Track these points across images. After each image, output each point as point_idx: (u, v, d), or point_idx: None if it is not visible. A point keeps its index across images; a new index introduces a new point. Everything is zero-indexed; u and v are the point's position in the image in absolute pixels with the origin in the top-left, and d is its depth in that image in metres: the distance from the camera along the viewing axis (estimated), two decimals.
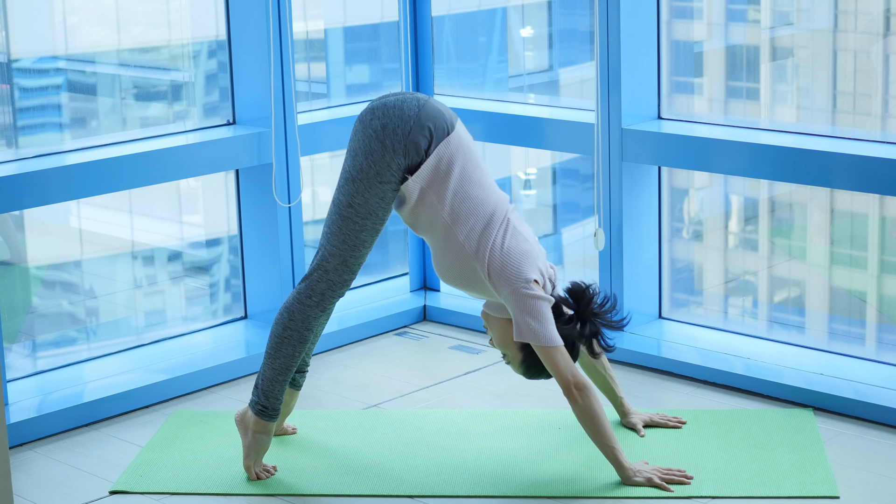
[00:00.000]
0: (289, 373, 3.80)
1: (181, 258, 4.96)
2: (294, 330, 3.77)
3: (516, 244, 3.67)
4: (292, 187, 4.79)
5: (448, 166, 3.67)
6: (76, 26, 4.59)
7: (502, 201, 3.75)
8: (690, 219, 4.99)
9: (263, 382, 3.80)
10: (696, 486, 3.69)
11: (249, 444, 3.82)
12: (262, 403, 3.79)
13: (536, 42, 5.35)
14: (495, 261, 3.65)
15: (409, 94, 3.74)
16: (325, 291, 3.74)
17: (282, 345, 3.78)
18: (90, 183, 4.33)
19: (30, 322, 4.57)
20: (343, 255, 3.72)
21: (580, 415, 3.65)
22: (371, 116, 3.69)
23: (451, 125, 3.70)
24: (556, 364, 3.63)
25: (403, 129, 3.65)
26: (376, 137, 3.66)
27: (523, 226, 3.76)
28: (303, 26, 5.07)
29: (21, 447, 4.09)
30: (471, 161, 3.72)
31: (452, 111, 3.78)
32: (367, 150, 3.66)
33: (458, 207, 3.68)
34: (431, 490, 3.74)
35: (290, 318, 3.76)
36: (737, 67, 4.80)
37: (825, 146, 4.27)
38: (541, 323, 3.61)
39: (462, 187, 3.69)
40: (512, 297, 3.63)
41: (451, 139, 3.68)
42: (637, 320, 4.75)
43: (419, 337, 4.96)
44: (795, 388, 4.23)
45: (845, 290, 4.69)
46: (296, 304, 3.76)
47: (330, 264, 3.73)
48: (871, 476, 3.74)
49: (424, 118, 3.66)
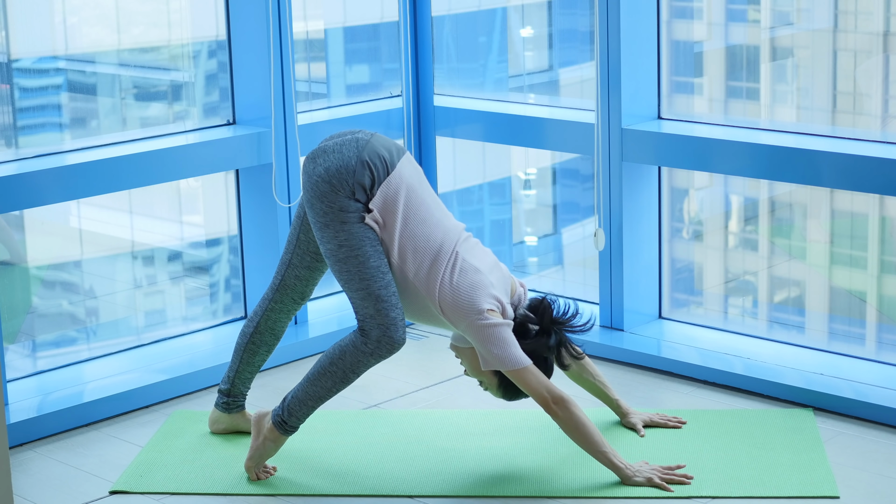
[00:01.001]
0: (321, 402, 3.78)
1: (181, 258, 4.96)
2: (340, 368, 3.74)
3: (464, 278, 3.67)
4: (292, 187, 4.79)
5: (393, 206, 3.67)
6: (76, 26, 4.59)
7: (450, 234, 3.73)
8: (690, 219, 4.99)
9: (292, 401, 3.79)
10: (696, 486, 3.69)
11: (258, 447, 3.82)
12: (284, 419, 3.79)
13: (536, 42, 5.36)
14: (446, 297, 3.66)
15: (349, 135, 3.74)
16: (381, 338, 3.69)
17: (324, 377, 3.76)
18: (90, 183, 4.33)
19: (30, 322, 4.57)
20: (371, 294, 3.67)
21: (564, 427, 3.66)
22: (313, 165, 3.70)
23: (392, 164, 3.69)
24: (529, 384, 3.64)
25: (347, 170, 3.65)
26: (323, 181, 3.66)
27: (475, 255, 3.74)
28: (303, 26, 5.07)
29: (21, 447, 4.09)
30: (415, 197, 3.71)
31: (398, 145, 3.77)
32: (319, 194, 3.66)
33: (405, 247, 3.69)
34: (431, 490, 3.74)
35: (340, 357, 3.73)
36: (737, 67, 4.80)
37: (825, 146, 4.27)
38: (503, 349, 3.62)
39: (407, 227, 3.69)
40: (470, 329, 3.65)
41: (391, 179, 3.68)
42: (637, 320, 4.75)
43: (419, 337, 4.96)
44: (795, 388, 4.23)
45: (845, 290, 4.69)
46: (350, 347, 3.72)
47: (368, 311, 3.69)
48: (871, 476, 3.74)
49: (364, 157, 3.66)
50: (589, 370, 3.99)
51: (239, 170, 4.84)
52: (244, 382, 4.05)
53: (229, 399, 4.07)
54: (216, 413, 4.10)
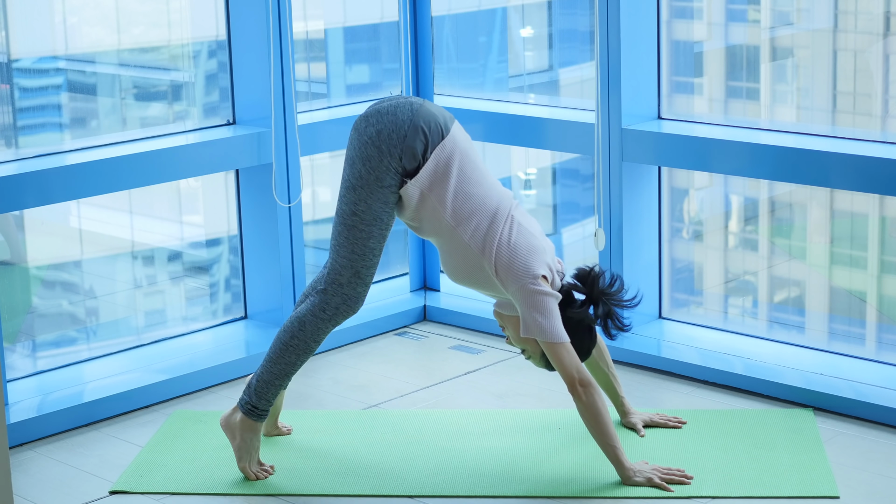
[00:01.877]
0: (287, 379, 3.80)
1: (181, 258, 4.96)
2: (302, 340, 3.77)
3: (523, 239, 3.68)
4: (292, 187, 4.79)
5: (446, 169, 3.68)
6: (76, 26, 4.59)
7: (505, 198, 3.75)
8: (690, 219, 4.99)
9: (258, 384, 3.80)
10: (696, 486, 3.69)
11: (239, 445, 3.82)
12: (254, 403, 3.80)
13: (536, 42, 5.36)
14: (503, 257, 3.66)
15: (403, 99, 3.74)
16: (340, 306, 3.74)
17: (286, 352, 3.78)
18: (90, 183, 4.33)
19: (30, 322, 4.57)
20: (354, 265, 3.72)
21: (584, 412, 3.65)
22: (365, 124, 3.70)
23: (447, 128, 3.70)
24: (562, 360, 3.64)
25: (399, 134, 3.65)
26: (372, 144, 3.66)
27: (529, 221, 3.76)
28: (303, 26, 5.07)
29: (21, 447, 4.09)
30: (468, 161, 3.72)
31: (448, 112, 3.78)
32: (364, 156, 3.67)
33: (461, 208, 3.68)
34: (431, 490, 3.74)
35: (300, 328, 3.76)
36: (737, 67, 4.80)
37: (825, 146, 4.27)
38: (547, 319, 3.62)
39: (462, 188, 3.69)
40: (520, 293, 3.64)
41: (446, 142, 3.69)
42: (637, 320, 4.75)
43: (419, 337, 4.96)
44: (795, 388, 4.23)
45: (845, 290, 4.69)
46: (309, 317, 3.76)
47: (343, 277, 3.72)
48: (871, 476, 3.74)
49: (418, 122, 3.66)
50: (605, 360, 4.00)
51: (239, 170, 4.84)
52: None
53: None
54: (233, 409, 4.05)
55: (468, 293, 5.04)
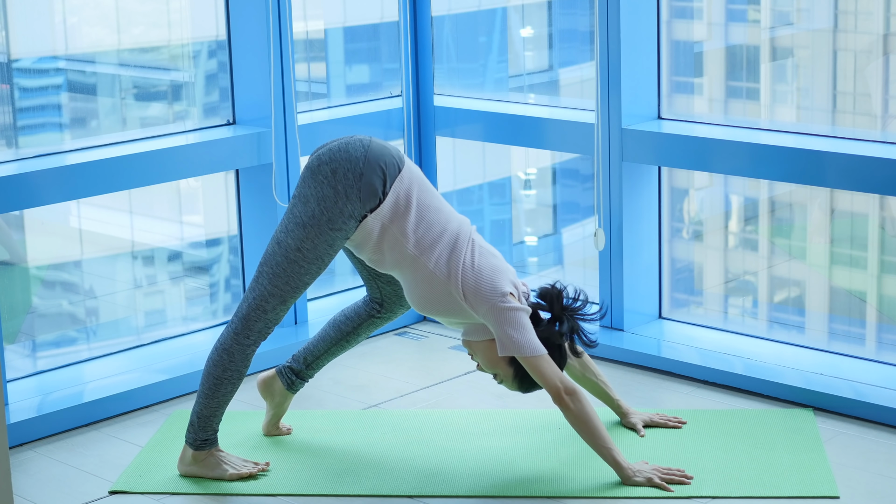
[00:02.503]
0: (225, 407, 3.81)
1: (181, 258, 4.96)
2: (234, 370, 3.77)
3: (486, 261, 3.70)
4: (292, 187, 4.78)
5: (406, 200, 3.68)
6: (76, 26, 4.59)
7: (464, 224, 3.76)
8: (690, 219, 4.99)
9: (199, 420, 3.80)
10: (696, 486, 3.69)
11: (210, 471, 3.82)
12: (202, 438, 3.81)
13: (536, 42, 5.36)
14: (469, 280, 3.66)
15: (352, 138, 3.74)
16: (262, 330, 3.75)
17: (221, 385, 3.78)
18: (90, 183, 4.33)
19: (30, 322, 4.57)
20: (283, 295, 3.72)
21: (573, 420, 3.66)
22: (319, 163, 3.70)
23: (401, 160, 3.72)
24: (543, 372, 3.64)
25: (355, 172, 3.65)
26: (328, 183, 3.66)
27: (488, 245, 3.78)
28: (303, 26, 5.07)
29: (21, 447, 4.09)
30: (426, 191, 3.73)
31: (397, 147, 3.79)
32: (320, 196, 3.67)
33: (423, 237, 3.69)
34: (431, 490, 3.74)
35: (229, 360, 3.76)
36: (737, 67, 4.80)
37: (825, 146, 4.27)
38: (521, 334, 3.63)
39: (423, 217, 3.70)
40: (490, 312, 3.65)
41: (403, 175, 3.69)
42: (637, 320, 4.75)
43: (419, 337, 4.97)
44: (795, 388, 4.23)
45: (845, 290, 4.69)
46: (235, 346, 3.75)
47: (269, 304, 3.73)
48: (871, 476, 3.74)
49: (373, 158, 3.67)
50: (591, 369, 4.00)
51: (239, 170, 4.84)
52: (318, 368, 4.07)
53: (296, 378, 4.06)
54: (273, 375, 4.08)
55: None
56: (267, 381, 4.07)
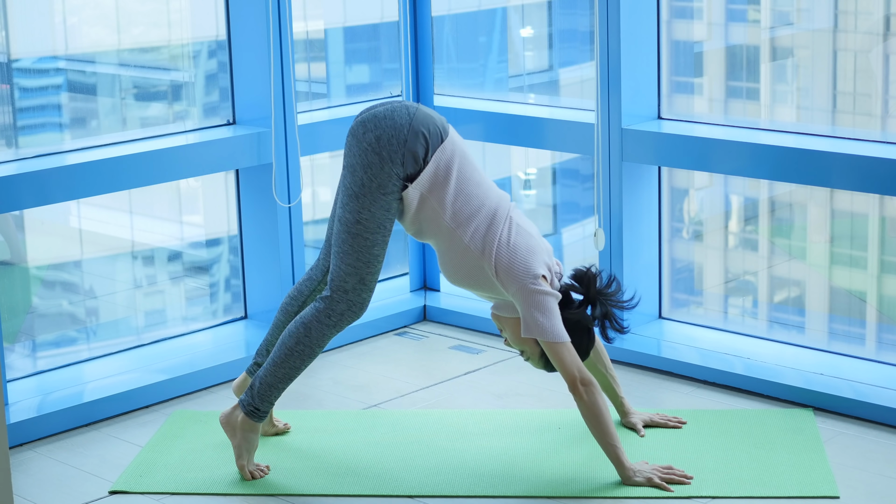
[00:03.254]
0: (290, 382, 3.81)
1: (181, 258, 4.96)
2: (307, 346, 3.77)
3: (522, 240, 3.69)
4: (292, 187, 4.79)
5: (446, 171, 3.68)
6: (76, 26, 4.59)
7: (503, 199, 3.75)
8: (690, 219, 4.99)
9: (261, 386, 3.80)
10: (696, 486, 3.69)
11: (239, 443, 3.83)
12: (255, 405, 3.80)
13: (536, 42, 5.36)
14: (502, 258, 3.66)
15: (398, 103, 3.74)
16: (345, 312, 3.74)
17: (291, 357, 3.78)
18: (90, 183, 4.33)
19: (30, 322, 4.57)
20: (359, 272, 3.71)
21: (585, 411, 3.65)
22: (363, 129, 3.69)
23: (445, 130, 3.71)
24: (563, 360, 3.64)
25: (399, 139, 3.65)
26: (372, 150, 3.66)
27: (527, 222, 3.77)
28: (303, 26, 5.07)
29: (21, 447, 4.09)
30: (467, 163, 3.72)
31: (442, 116, 3.78)
32: (365, 163, 3.66)
33: (460, 210, 3.69)
34: (431, 490, 3.74)
35: (305, 334, 3.76)
36: (737, 67, 4.80)
37: (825, 146, 4.27)
38: (548, 318, 3.62)
39: (462, 190, 3.69)
40: (520, 293, 3.64)
41: (446, 145, 3.69)
42: (637, 320, 4.75)
43: (419, 337, 4.97)
44: (795, 388, 4.23)
45: (845, 290, 4.69)
46: (314, 322, 3.76)
47: (348, 284, 3.72)
48: (871, 476, 3.74)
49: (417, 126, 3.66)
50: (604, 361, 4.00)
51: (239, 170, 4.84)
52: None
53: None
54: (244, 378, 4.08)
55: (468, 293, 5.04)
56: (241, 384, 4.07)
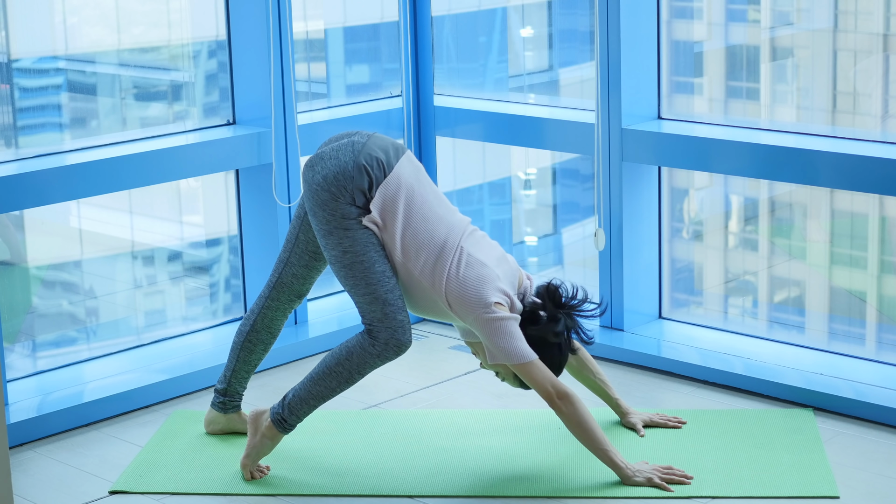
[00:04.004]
0: (323, 401, 3.80)
1: (181, 258, 4.96)
2: (346, 369, 3.76)
3: (472, 271, 3.68)
4: (292, 187, 4.79)
5: (392, 206, 3.68)
6: (76, 26, 4.59)
7: (454, 229, 3.74)
8: (690, 219, 4.99)
9: (294, 399, 3.80)
10: (696, 486, 3.69)
11: (255, 444, 3.83)
12: (284, 416, 3.80)
13: (536, 42, 5.36)
14: (453, 291, 3.66)
15: (346, 140, 3.74)
16: (389, 340, 3.71)
17: (328, 377, 3.77)
18: (90, 183, 4.33)
19: (30, 322, 4.57)
20: (377, 296, 3.69)
21: (567, 423, 3.66)
22: (311, 172, 3.72)
23: (389, 165, 3.70)
24: (534, 378, 3.64)
25: (345, 176, 3.66)
26: (322, 189, 3.68)
27: (481, 249, 3.74)
28: (303, 26, 5.07)
29: (21, 447, 4.09)
30: (416, 196, 3.72)
31: (396, 144, 3.77)
32: (320, 203, 3.68)
33: (408, 245, 3.70)
34: (431, 490, 3.74)
35: (346, 357, 3.75)
36: (737, 67, 4.80)
37: (825, 146, 4.27)
38: (509, 342, 3.63)
39: (409, 224, 3.69)
40: (476, 322, 3.65)
41: (389, 181, 3.69)
42: (637, 320, 4.75)
43: (419, 337, 4.97)
44: (795, 388, 4.23)
45: (845, 290, 4.69)
46: (357, 348, 3.74)
47: (376, 313, 3.71)
48: (871, 476, 3.74)
49: (360, 162, 3.67)
50: (590, 367, 4.00)
51: (239, 170, 4.84)
52: (241, 382, 4.05)
53: (226, 399, 4.07)
54: (212, 413, 4.10)
55: None
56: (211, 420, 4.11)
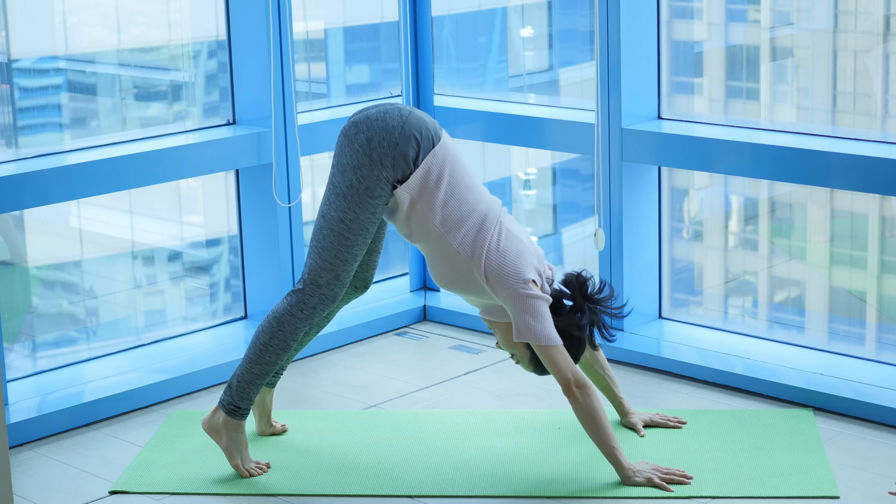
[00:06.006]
0: (266, 377, 3.83)
1: (181, 258, 4.96)
2: (280, 339, 3.78)
3: (512, 245, 3.68)
4: (292, 187, 4.79)
5: (437, 176, 3.67)
6: (76, 26, 4.59)
7: (493, 205, 3.75)
8: (690, 219, 4.99)
9: (239, 384, 3.81)
10: (696, 486, 3.69)
11: (227, 445, 3.84)
12: (235, 403, 3.81)
13: (536, 42, 5.36)
14: (492, 263, 3.65)
15: (391, 105, 3.74)
16: (317, 305, 3.76)
17: (265, 352, 3.79)
18: (90, 183, 4.33)
19: (30, 322, 4.57)
20: (335, 269, 3.73)
21: (580, 413, 3.65)
22: (355, 130, 3.68)
23: (437, 135, 3.70)
24: (556, 363, 3.63)
25: (390, 141, 3.64)
26: (363, 151, 3.66)
27: (517, 227, 3.76)
28: (303, 26, 5.07)
29: (21, 447, 4.09)
30: (459, 168, 3.72)
31: (435, 120, 3.78)
32: (355, 164, 3.66)
33: (450, 215, 3.68)
34: (431, 490, 3.74)
35: (278, 328, 3.78)
36: (737, 67, 4.80)
37: (825, 146, 4.27)
38: (539, 322, 3.62)
39: (452, 195, 3.69)
40: (510, 298, 3.64)
41: (437, 149, 3.68)
42: (637, 320, 4.75)
43: (419, 337, 4.97)
44: (795, 388, 4.23)
45: (845, 290, 4.69)
46: (286, 316, 3.77)
47: (322, 279, 3.74)
48: (871, 476, 3.74)
49: (409, 128, 3.66)
50: (601, 363, 4.00)
51: (239, 170, 4.84)
52: (289, 359, 4.05)
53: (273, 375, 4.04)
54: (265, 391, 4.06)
55: None
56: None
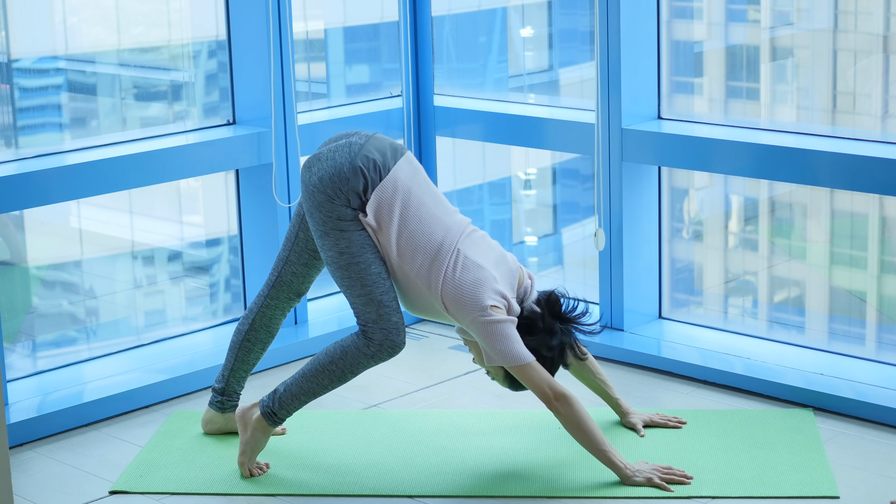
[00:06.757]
0: (314, 398, 3.82)
1: (181, 258, 4.96)
2: (339, 367, 3.77)
3: (468, 274, 3.67)
4: (292, 187, 4.79)
5: (388, 209, 3.68)
6: (76, 26, 4.59)
7: (451, 231, 3.73)
8: (690, 219, 4.99)
9: (285, 394, 3.80)
10: (696, 486, 3.69)
11: (248, 440, 3.83)
12: (274, 410, 3.80)
13: (536, 42, 5.36)
14: (448, 293, 3.66)
15: (344, 140, 3.74)
16: (383, 342, 3.72)
17: (320, 374, 3.78)
18: (90, 183, 4.33)
19: (30, 322, 4.57)
20: (372, 298, 3.70)
21: (566, 424, 3.66)
22: (308, 174, 3.73)
23: (386, 167, 3.70)
24: (531, 379, 3.64)
25: (340, 178, 3.67)
26: (318, 191, 3.68)
27: (479, 251, 3.73)
28: (303, 26, 5.07)
29: (21, 447, 4.09)
30: (413, 198, 3.71)
31: (395, 145, 3.76)
32: (316, 204, 3.69)
33: (404, 247, 3.69)
34: (431, 490, 3.74)
35: (341, 356, 3.76)
36: (737, 67, 4.80)
37: (825, 146, 4.27)
38: (506, 344, 3.62)
39: (405, 226, 3.69)
40: (472, 325, 3.65)
41: (385, 183, 3.69)
42: (637, 320, 4.75)
43: (419, 337, 4.97)
44: (795, 388, 4.23)
45: (845, 290, 4.69)
46: (352, 348, 3.75)
47: (370, 315, 3.72)
48: (871, 476, 3.74)
49: (357, 163, 3.67)
50: (590, 367, 3.99)
51: (239, 170, 4.84)
52: (239, 381, 4.05)
53: (223, 398, 4.07)
54: (210, 413, 4.10)
55: None
56: (209, 420, 4.11)
